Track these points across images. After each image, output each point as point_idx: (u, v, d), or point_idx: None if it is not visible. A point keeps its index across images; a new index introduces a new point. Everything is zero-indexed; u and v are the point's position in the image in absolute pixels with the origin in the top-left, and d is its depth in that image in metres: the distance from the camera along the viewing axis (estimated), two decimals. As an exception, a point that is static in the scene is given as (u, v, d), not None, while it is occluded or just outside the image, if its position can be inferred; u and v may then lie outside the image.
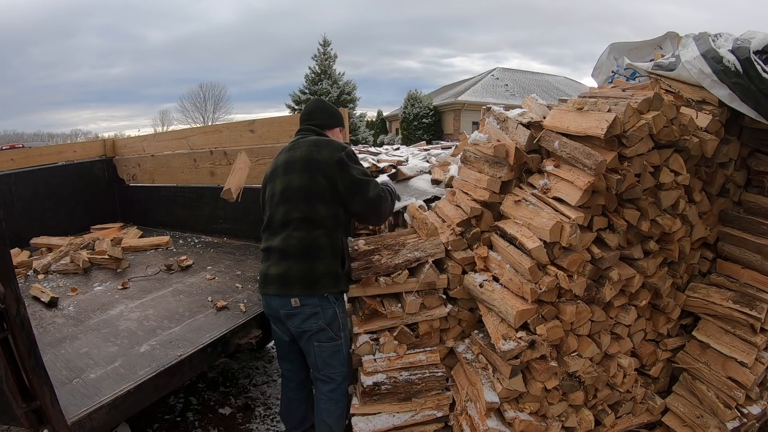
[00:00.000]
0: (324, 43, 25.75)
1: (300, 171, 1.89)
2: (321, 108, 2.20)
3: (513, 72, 29.82)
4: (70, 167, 4.25)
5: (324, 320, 1.88)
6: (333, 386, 1.98)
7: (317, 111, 2.17)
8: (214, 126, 5.20)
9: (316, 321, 1.87)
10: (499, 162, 2.11)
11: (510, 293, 1.90)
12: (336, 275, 1.89)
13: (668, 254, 2.11)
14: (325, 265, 1.87)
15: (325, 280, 1.86)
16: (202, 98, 40.01)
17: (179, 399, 2.77)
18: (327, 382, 1.98)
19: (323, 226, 1.87)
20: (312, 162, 1.89)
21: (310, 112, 2.17)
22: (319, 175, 1.87)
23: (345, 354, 1.98)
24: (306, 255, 1.85)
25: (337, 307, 1.91)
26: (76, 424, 1.46)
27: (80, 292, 2.70)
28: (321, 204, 1.87)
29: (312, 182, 1.87)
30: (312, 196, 1.87)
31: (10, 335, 1.24)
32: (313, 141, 1.98)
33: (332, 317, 1.90)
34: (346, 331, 1.98)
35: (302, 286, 1.84)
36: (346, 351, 1.99)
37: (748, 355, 2.00)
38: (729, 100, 1.90)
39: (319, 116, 2.14)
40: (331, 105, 2.27)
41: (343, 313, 1.97)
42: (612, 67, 2.73)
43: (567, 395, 1.99)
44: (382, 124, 29.36)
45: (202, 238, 3.83)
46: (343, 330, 1.96)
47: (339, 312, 1.93)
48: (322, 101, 2.28)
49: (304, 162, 1.90)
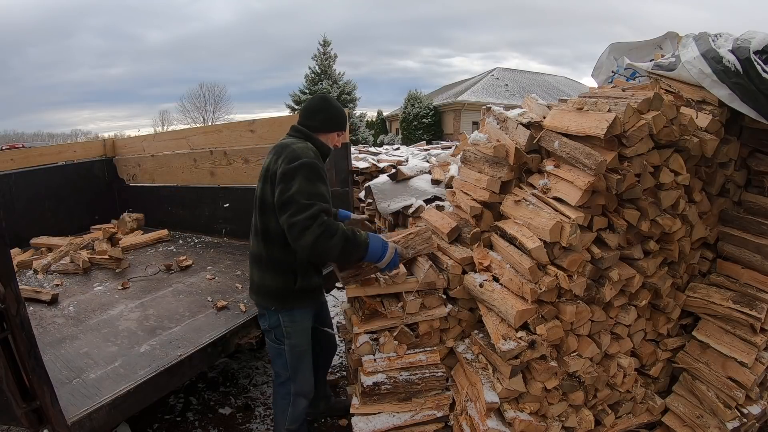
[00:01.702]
0: (324, 43, 25.75)
1: (262, 180, 1.85)
2: (318, 109, 1.98)
3: (513, 72, 29.82)
4: (70, 167, 4.25)
5: (268, 323, 1.95)
6: (279, 382, 2.06)
7: (313, 111, 1.98)
8: (214, 126, 5.19)
9: (264, 322, 1.98)
10: (499, 162, 2.11)
11: (510, 293, 1.90)
12: (285, 291, 1.86)
13: (668, 254, 2.11)
14: (274, 280, 1.86)
15: (272, 294, 1.89)
16: (202, 98, 40.02)
17: (179, 399, 2.77)
18: (275, 375, 2.08)
19: (274, 240, 1.82)
20: (269, 171, 1.81)
21: (306, 111, 2.00)
22: (269, 186, 1.80)
23: (289, 362, 1.96)
24: (259, 265, 1.91)
25: (281, 315, 1.89)
26: (76, 424, 1.46)
27: (79, 292, 2.71)
28: (273, 217, 1.79)
29: (265, 193, 1.82)
30: (266, 208, 1.82)
31: (10, 335, 1.24)
32: (281, 147, 1.84)
33: (276, 323, 1.92)
34: (292, 341, 1.93)
35: (254, 293, 1.97)
36: (291, 360, 1.95)
37: (748, 355, 2.00)
38: (729, 100, 1.90)
39: (313, 118, 1.97)
40: (331, 106, 2.01)
41: (290, 322, 1.91)
42: (612, 67, 2.73)
43: (567, 395, 1.99)
44: (382, 124, 29.36)
45: (202, 238, 3.83)
46: (287, 338, 1.92)
47: (283, 321, 1.90)
48: (325, 100, 2.03)
49: (265, 170, 1.84)
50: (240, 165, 3.51)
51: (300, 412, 2.05)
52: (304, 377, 2.01)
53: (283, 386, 2.04)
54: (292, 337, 1.93)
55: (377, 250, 1.82)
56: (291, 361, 1.96)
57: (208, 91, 40.18)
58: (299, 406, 2.04)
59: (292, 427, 2.06)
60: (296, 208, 1.67)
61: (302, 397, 2.03)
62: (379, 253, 1.82)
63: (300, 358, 1.98)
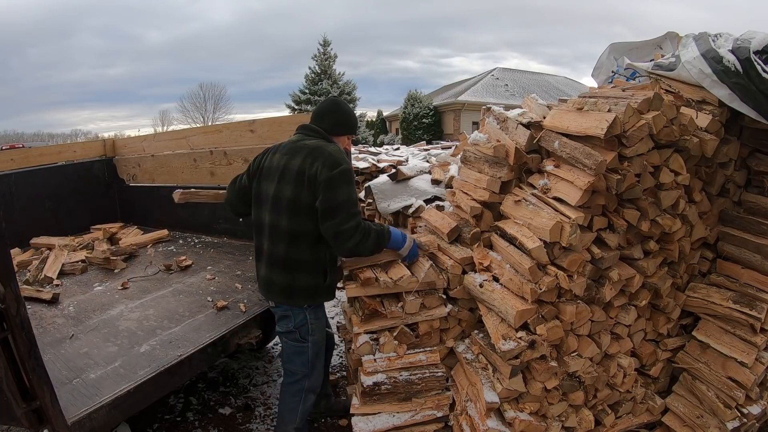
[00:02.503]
0: (324, 43, 25.79)
1: (292, 183, 1.86)
2: (333, 111, 2.03)
3: (513, 72, 29.84)
4: (70, 167, 4.25)
5: (293, 323, 1.96)
6: (292, 380, 2.06)
7: (327, 114, 2.02)
8: (214, 126, 5.20)
9: (288, 323, 1.97)
10: (499, 162, 2.11)
11: (510, 293, 1.90)
12: (316, 289, 1.93)
13: (668, 254, 2.11)
14: (306, 280, 1.91)
15: (305, 294, 1.93)
16: (202, 98, 40.07)
17: (179, 399, 2.77)
18: (288, 375, 2.08)
19: (307, 241, 1.88)
20: (303, 176, 1.83)
21: (320, 113, 2.03)
22: (306, 190, 1.83)
23: (310, 357, 2.00)
24: (289, 267, 1.91)
25: (308, 313, 1.95)
26: (76, 424, 1.46)
27: (79, 292, 2.71)
28: (307, 218, 1.85)
29: (300, 196, 1.85)
30: (299, 210, 1.85)
31: (10, 335, 1.24)
32: (311, 150, 1.87)
33: (302, 322, 1.96)
34: (315, 336, 1.99)
35: (282, 296, 1.94)
36: (312, 354, 2.00)
37: (748, 355, 2.00)
38: (729, 100, 1.90)
39: (327, 120, 2.00)
40: (342, 110, 2.05)
41: (315, 319, 1.98)
42: (612, 67, 2.73)
43: (567, 395, 1.99)
44: (382, 124, 29.36)
45: (202, 238, 3.83)
46: (311, 335, 1.98)
47: (310, 318, 1.96)
48: (337, 104, 2.08)
49: (297, 174, 1.85)
50: (240, 165, 3.50)
51: (308, 409, 2.09)
52: (319, 372, 2.08)
53: (295, 384, 2.05)
54: (315, 333, 1.99)
55: (399, 238, 2.01)
56: (312, 358, 2.01)
57: (208, 91, 40.29)
58: (309, 402, 2.07)
59: (300, 425, 2.07)
60: (344, 216, 1.79)
61: (312, 393, 2.07)
62: (401, 240, 2.01)
63: (318, 354, 2.05)
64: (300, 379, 2.04)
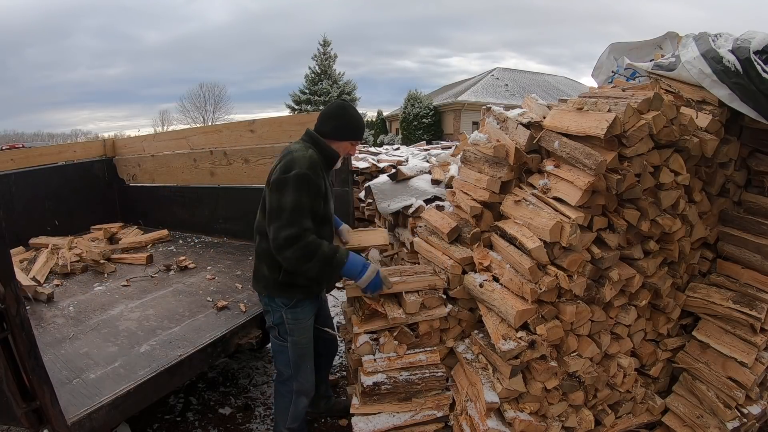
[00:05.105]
0: (324, 43, 25.79)
1: (266, 182, 1.92)
2: (336, 115, 1.98)
3: (513, 72, 29.81)
4: (70, 167, 4.25)
5: (272, 320, 2.00)
6: (281, 380, 2.08)
7: (330, 117, 1.98)
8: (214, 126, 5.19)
9: (269, 318, 2.03)
10: (499, 162, 2.11)
11: (510, 293, 1.90)
12: (273, 282, 1.93)
13: (668, 254, 2.11)
14: (266, 270, 1.95)
15: (263, 282, 1.98)
16: (201, 98, 40.06)
17: (179, 399, 2.77)
18: (278, 373, 2.11)
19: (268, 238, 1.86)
20: (270, 175, 1.90)
21: (324, 116, 2.00)
22: (267, 189, 1.88)
23: (291, 359, 1.99)
24: (258, 256, 2.00)
25: (284, 312, 1.95)
26: (76, 424, 1.46)
27: (79, 292, 2.71)
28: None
29: (266, 196, 1.90)
30: (265, 209, 1.89)
31: (10, 335, 1.24)
32: (285, 154, 1.90)
33: (279, 320, 1.97)
34: (294, 338, 1.97)
35: (254, 281, 2.05)
36: (294, 356, 1.99)
37: (748, 355, 2.00)
38: (729, 100, 1.90)
39: (329, 123, 1.97)
40: (347, 115, 1.99)
41: (293, 320, 1.96)
42: (612, 67, 2.73)
43: (567, 395, 1.99)
44: (382, 124, 29.35)
45: (202, 238, 3.83)
46: (290, 335, 1.97)
47: (286, 317, 1.95)
48: (341, 108, 2.02)
49: (269, 175, 1.91)
50: (240, 165, 3.51)
51: (300, 411, 2.08)
52: (305, 375, 2.04)
53: (285, 384, 2.06)
54: (294, 333, 1.98)
55: (357, 267, 1.86)
56: (293, 358, 2.00)
57: (207, 91, 40.28)
58: (300, 404, 2.06)
59: (293, 426, 2.08)
60: (281, 222, 1.73)
61: (303, 396, 2.06)
62: (358, 271, 1.87)
63: (302, 356, 2.02)
64: (287, 380, 2.04)
